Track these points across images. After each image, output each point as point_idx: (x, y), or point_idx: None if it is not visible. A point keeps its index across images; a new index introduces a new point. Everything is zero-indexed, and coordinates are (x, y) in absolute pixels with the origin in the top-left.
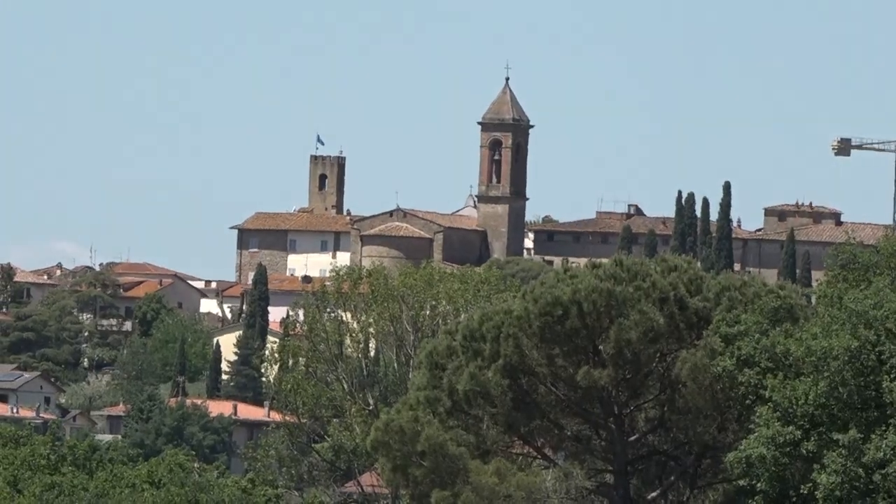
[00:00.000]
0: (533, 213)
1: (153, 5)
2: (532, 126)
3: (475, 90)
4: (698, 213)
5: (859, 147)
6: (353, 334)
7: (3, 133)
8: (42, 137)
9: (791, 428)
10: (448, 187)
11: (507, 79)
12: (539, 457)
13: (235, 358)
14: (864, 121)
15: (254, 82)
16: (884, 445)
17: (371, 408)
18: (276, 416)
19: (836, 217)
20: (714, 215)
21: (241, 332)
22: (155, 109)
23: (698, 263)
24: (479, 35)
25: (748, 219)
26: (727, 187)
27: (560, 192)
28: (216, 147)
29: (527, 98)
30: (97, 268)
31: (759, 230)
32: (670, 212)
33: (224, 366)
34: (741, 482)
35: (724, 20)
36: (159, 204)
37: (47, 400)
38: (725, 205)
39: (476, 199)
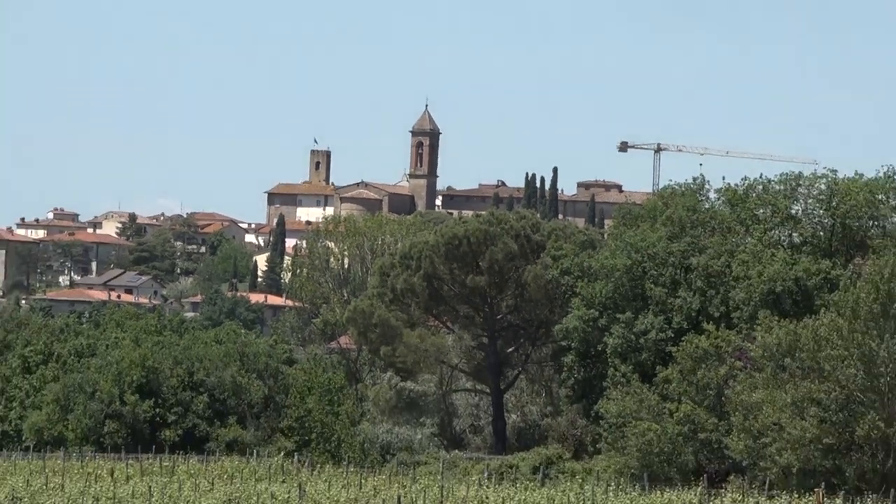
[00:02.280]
0: (441, 185)
1: None
2: (440, 133)
3: (408, 110)
4: (538, 185)
5: (633, 146)
6: (335, 255)
7: (126, 117)
8: (158, 123)
9: (592, 311)
10: (392, 169)
11: (427, 105)
12: (444, 327)
13: (266, 268)
14: (637, 127)
15: (263, 95)
16: (646, 322)
17: (345, 298)
18: (289, 303)
19: (619, 187)
20: (548, 186)
21: (269, 253)
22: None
23: (538, 215)
24: (411, 72)
25: (568, 188)
26: (555, 170)
27: (457, 172)
28: (253, 140)
29: (438, 115)
30: (184, 215)
31: (574, 195)
32: (522, 184)
33: (259, 273)
34: (562, 342)
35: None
36: (221, 176)
37: (156, 293)
38: (554, 180)
39: (408, 176)
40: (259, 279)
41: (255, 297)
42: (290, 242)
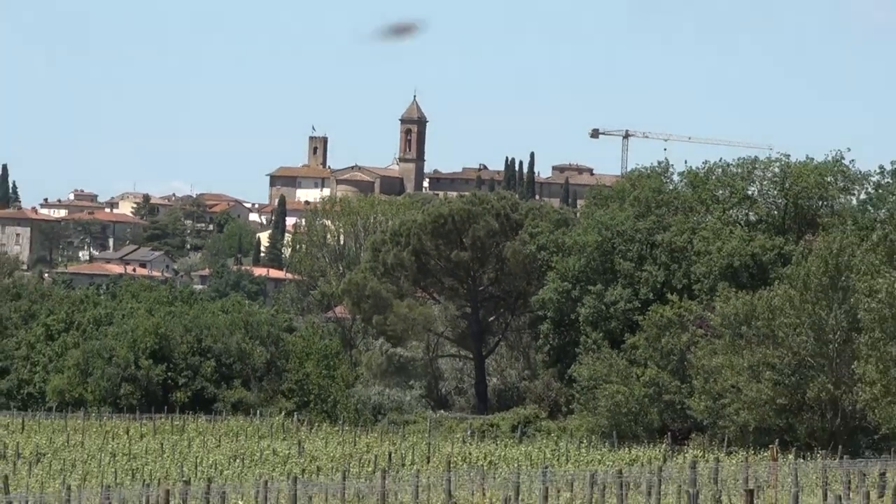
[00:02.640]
0: (428, 168)
1: None
2: (427, 121)
3: (398, 100)
4: (516, 168)
5: (603, 133)
6: (331, 232)
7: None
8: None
9: (566, 283)
10: (383, 154)
11: (415, 95)
12: (431, 298)
13: (268, 244)
14: (607, 115)
15: (266, 87)
16: (614, 293)
17: (341, 272)
18: (289, 276)
19: (590, 171)
20: (525, 169)
21: (270, 231)
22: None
23: (516, 196)
24: (401, 65)
25: (544, 171)
26: (532, 155)
27: (442, 157)
28: (257, 127)
29: (425, 105)
30: (194, 196)
31: (549, 177)
32: (502, 167)
33: (262, 249)
34: (539, 312)
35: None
36: (228, 160)
37: (167, 267)
38: (531, 164)
39: (398, 160)
40: (262, 255)
41: (258, 271)
42: (290, 221)
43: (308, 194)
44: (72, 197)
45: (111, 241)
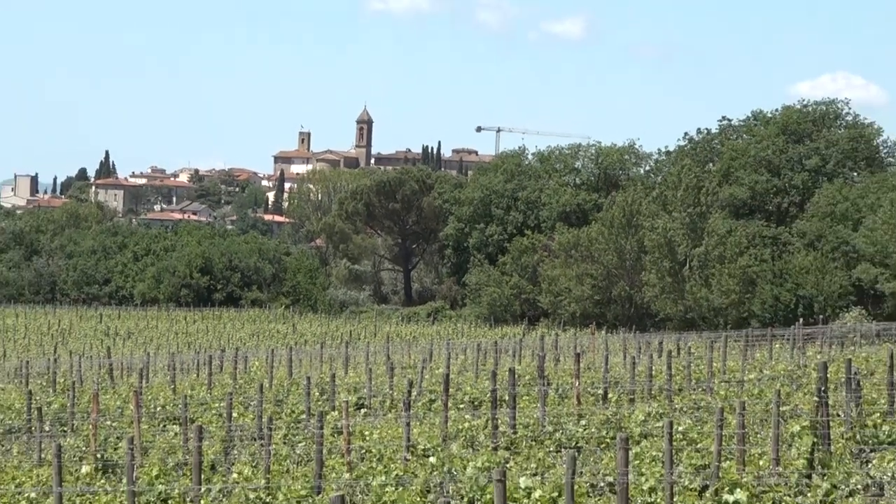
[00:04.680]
0: (374, 151)
1: None
2: (373, 121)
3: (355, 108)
4: (430, 151)
5: (484, 129)
6: (313, 192)
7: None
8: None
9: (460, 224)
10: (346, 143)
11: (365, 105)
12: (376, 233)
13: (273, 200)
14: (486, 115)
15: (274, 100)
16: (491, 229)
17: (320, 217)
18: (287, 220)
19: (476, 152)
20: (435, 152)
21: (275, 192)
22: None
23: (429, 169)
24: (356, 84)
25: (447, 153)
26: (439, 143)
27: (383, 144)
28: (266, 127)
29: (372, 110)
30: (227, 169)
31: (450, 157)
32: (420, 150)
33: (269, 203)
34: (444, 242)
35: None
36: (249, 146)
37: (209, 215)
38: (438, 148)
39: (355, 146)
40: (269, 207)
41: (268, 217)
42: (287, 185)
43: (298, 169)
44: (149, 170)
45: (174, 199)
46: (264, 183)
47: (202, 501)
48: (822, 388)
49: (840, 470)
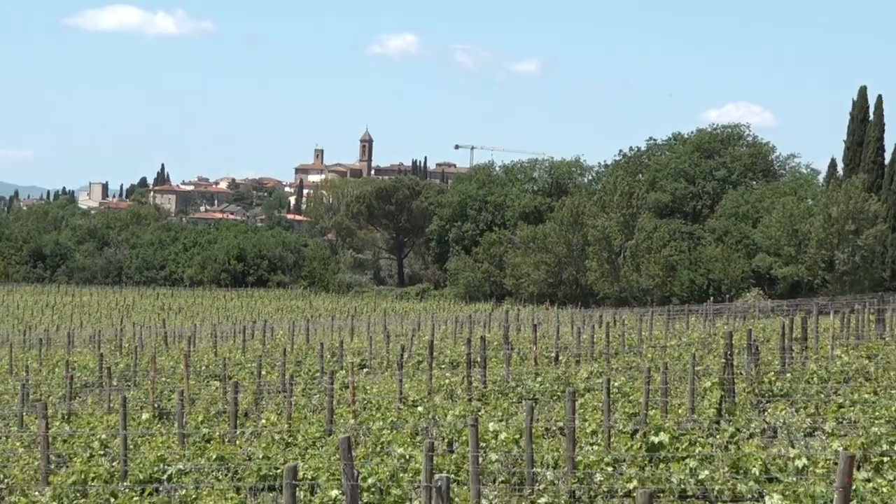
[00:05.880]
0: (374, 164)
1: None
2: (373, 140)
3: (358, 131)
4: (419, 165)
5: (461, 146)
6: (325, 197)
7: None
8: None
9: (443, 221)
10: (352, 157)
11: (367, 128)
12: (375, 229)
13: (294, 203)
14: (463, 135)
15: (296, 123)
16: (466, 226)
17: (331, 216)
18: (305, 219)
19: (455, 165)
20: (422, 165)
21: (295, 196)
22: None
23: (417, 178)
24: (358, 114)
25: (431, 166)
26: (426, 158)
27: (381, 158)
28: (290, 146)
29: (373, 131)
30: (258, 178)
31: (434, 169)
32: (410, 164)
33: (291, 205)
34: (430, 236)
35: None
36: (276, 160)
37: (244, 214)
38: (425, 162)
39: (359, 160)
40: (291, 208)
41: (290, 216)
42: (305, 191)
43: (314, 178)
44: (196, 179)
45: (215, 202)
46: (287, 189)
47: (237, 441)
48: (728, 353)
49: (742, 417)
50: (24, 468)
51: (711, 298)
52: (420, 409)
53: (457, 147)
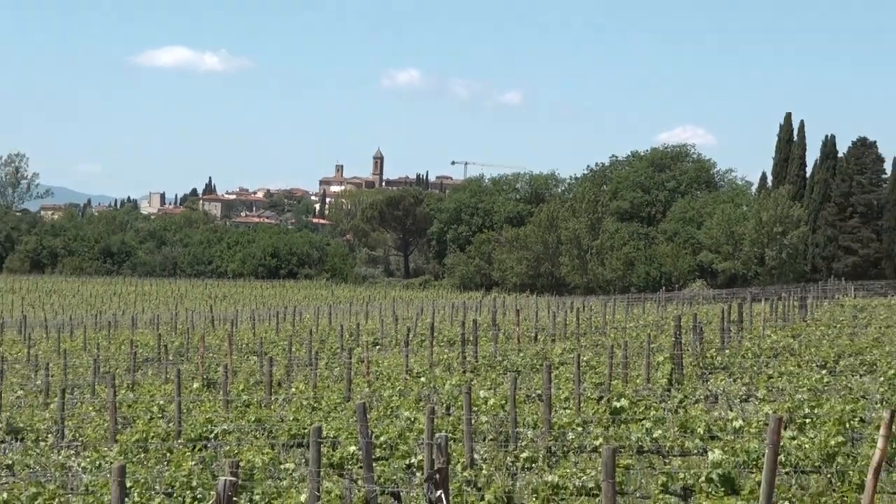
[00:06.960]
0: (385, 177)
1: None
2: (384, 157)
3: (371, 149)
4: (422, 178)
5: (456, 162)
6: (345, 204)
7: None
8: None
9: (442, 224)
10: (367, 171)
11: (379, 147)
12: (386, 232)
13: (318, 209)
14: (458, 151)
15: (322, 145)
16: (461, 228)
17: (350, 221)
18: (328, 222)
19: (451, 177)
20: (425, 177)
21: (320, 203)
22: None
23: (421, 189)
24: (372, 134)
25: (432, 178)
26: (427, 172)
27: (391, 172)
28: (317, 162)
29: (383, 148)
30: (289, 189)
31: (434, 181)
32: (415, 176)
33: (316, 211)
34: (431, 237)
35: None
36: (303, 174)
37: (277, 219)
38: (427, 176)
39: (372, 173)
40: (316, 213)
41: (315, 220)
42: (328, 200)
43: (335, 188)
44: (238, 189)
45: (254, 208)
46: (313, 198)
47: (272, 406)
48: (678, 333)
49: (689, 386)
50: (95, 428)
51: (663, 288)
52: (423, 379)
53: (453, 163)
